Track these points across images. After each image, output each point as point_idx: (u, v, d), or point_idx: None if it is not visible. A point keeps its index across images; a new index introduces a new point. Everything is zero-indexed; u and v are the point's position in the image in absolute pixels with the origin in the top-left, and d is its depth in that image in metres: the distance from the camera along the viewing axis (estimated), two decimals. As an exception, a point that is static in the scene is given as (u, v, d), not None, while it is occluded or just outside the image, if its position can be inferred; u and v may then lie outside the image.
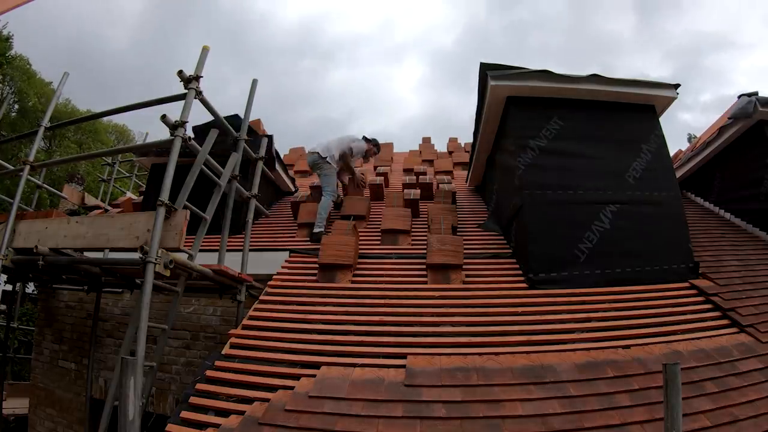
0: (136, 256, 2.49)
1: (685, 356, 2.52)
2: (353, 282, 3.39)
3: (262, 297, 3.25)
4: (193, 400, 2.30)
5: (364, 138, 5.25)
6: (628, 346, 2.63)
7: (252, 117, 3.95)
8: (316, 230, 4.28)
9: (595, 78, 3.81)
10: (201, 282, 3.16)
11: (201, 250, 3.07)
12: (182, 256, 2.75)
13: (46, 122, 3.67)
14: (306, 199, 5.17)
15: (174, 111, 2.88)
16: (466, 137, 8.79)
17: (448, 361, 2.47)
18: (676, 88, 3.91)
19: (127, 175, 8.52)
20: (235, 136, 3.65)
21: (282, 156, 6.49)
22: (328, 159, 4.73)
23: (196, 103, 3.01)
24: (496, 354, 2.54)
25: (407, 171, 7.17)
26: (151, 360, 2.70)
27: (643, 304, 3.05)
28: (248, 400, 2.25)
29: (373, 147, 5.30)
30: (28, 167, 3.48)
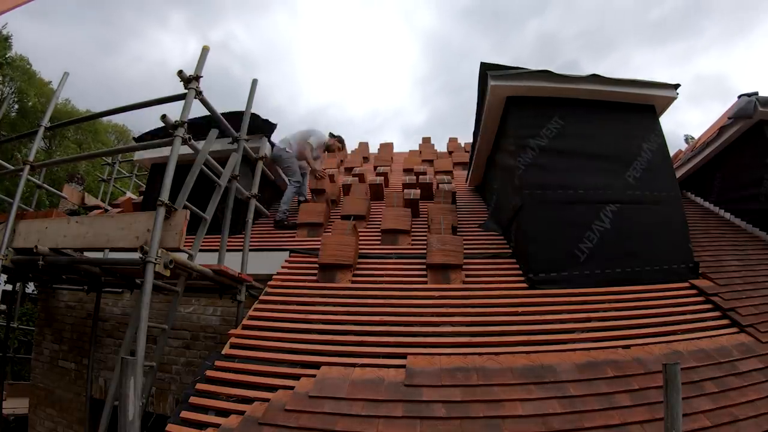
0: (136, 256, 2.49)
1: (685, 356, 2.52)
2: (353, 282, 3.39)
3: (262, 297, 3.25)
4: (193, 400, 2.30)
5: (330, 134, 5.48)
6: (628, 346, 2.62)
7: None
8: (277, 217, 4.58)
9: (595, 78, 3.81)
10: (201, 282, 3.16)
11: (201, 250, 3.07)
12: (182, 256, 2.75)
13: (46, 122, 3.67)
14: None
15: (174, 111, 2.88)
16: (465, 138, 8.80)
17: (448, 361, 2.46)
18: (676, 88, 3.91)
19: (127, 175, 8.52)
20: (235, 136, 3.65)
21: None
22: (287, 149, 5.05)
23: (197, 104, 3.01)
24: (496, 354, 2.54)
25: (407, 171, 7.17)
26: (151, 360, 2.70)
27: (643, 304, 3.05)
28: (248, 400, 2.25)
29: (337, 142, 5.54)
30: (28, 167, 3.48)
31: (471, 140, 5.37)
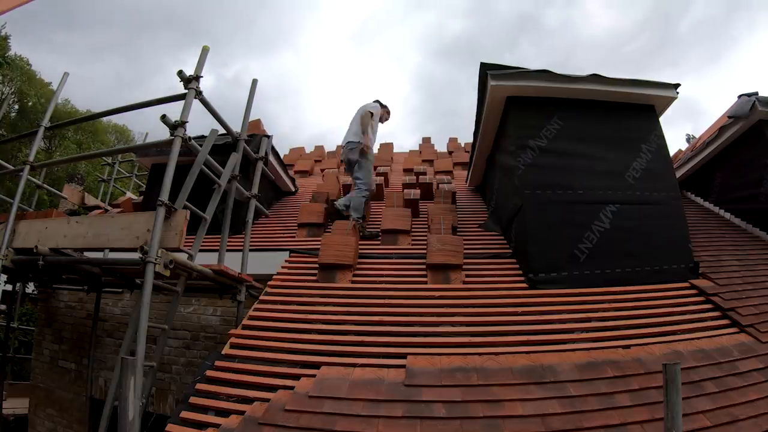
0: (136, 256, 2.49)
1: (685, 356, 2.52)
2: (353, 282, 3.39)
3: (262, 297, 3.25)
4: (193, 400, 2.30)
5: (378, 102, 5.11)
6: (628, 346, 2.62)
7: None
8: (356, 220, 4.30)
9: (595, 78, 3.80)
10: (201, 282, 3.16)
11: (201, 250, 3.07)
12: (182, 256, 2.75)
13: (46, 122, 3.67)
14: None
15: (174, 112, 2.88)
16: (465, 137, 8.81)
17: (448, 361, 2.46)
18: (676, 88, 3.91)
19: (127, 175, 8.51)
20: (236, 136, 3.65)
21: (282, 156, 6.51)
22: (350, 140, 4.63)
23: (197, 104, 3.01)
24: (496, 354, 2.53)
25: (407, 171, 7.17)
26: (151, 360, 2.70)
27: (643, 304, 3.04)
28: (248, 400, 2.25)
29: (385, 112, 5.19)
30: (28, 167, 3.48)
31: (471, 140, 5.37)
